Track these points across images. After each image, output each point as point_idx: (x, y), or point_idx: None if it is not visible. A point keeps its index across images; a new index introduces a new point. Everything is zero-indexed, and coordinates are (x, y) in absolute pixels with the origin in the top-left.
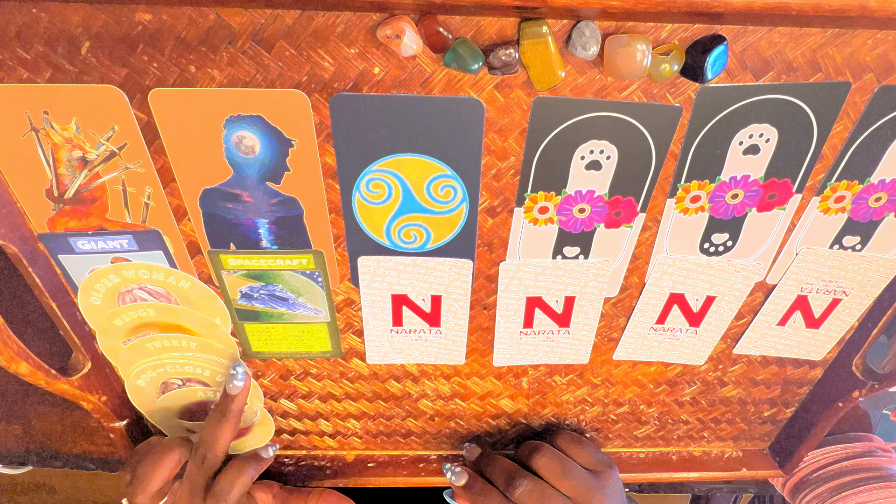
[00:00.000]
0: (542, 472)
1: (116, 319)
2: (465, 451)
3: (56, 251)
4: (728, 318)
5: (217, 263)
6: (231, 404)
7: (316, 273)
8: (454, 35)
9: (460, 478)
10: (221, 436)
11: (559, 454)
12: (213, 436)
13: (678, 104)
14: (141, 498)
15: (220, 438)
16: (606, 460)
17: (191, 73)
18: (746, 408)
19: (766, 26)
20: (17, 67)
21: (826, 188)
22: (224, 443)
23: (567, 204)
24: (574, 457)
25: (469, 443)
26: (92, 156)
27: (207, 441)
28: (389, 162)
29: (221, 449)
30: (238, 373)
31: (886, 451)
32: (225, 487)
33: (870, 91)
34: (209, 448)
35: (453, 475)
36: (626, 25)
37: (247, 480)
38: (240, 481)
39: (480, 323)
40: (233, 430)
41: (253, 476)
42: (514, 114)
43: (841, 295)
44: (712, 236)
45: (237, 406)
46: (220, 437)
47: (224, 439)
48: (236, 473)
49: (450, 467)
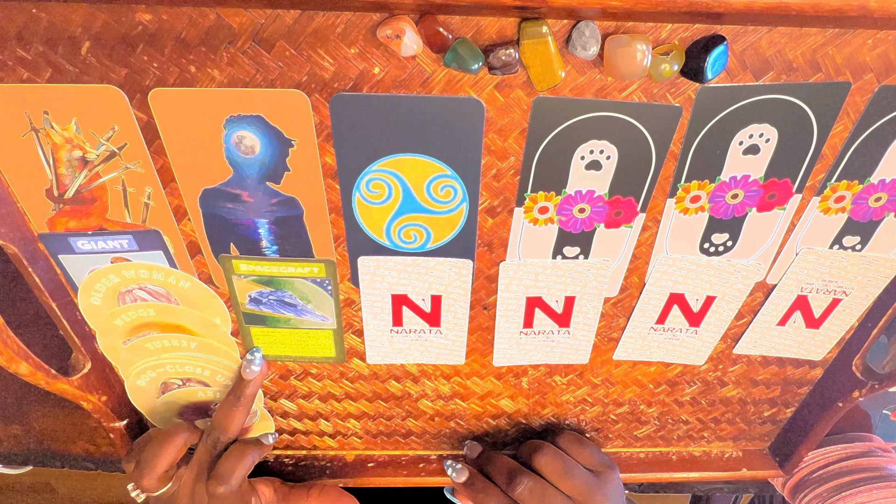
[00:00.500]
0: (543, 471)
1: (116, 319)
2: (466, 448)
3: (56, 251)
4: (728, 318)
5: (228, 268)
6: (246, 389)
7: (326, 281)
8: (454, 35)
9: (461, 474)
10: (234, 419)
11: (561, 453)
12: (227, 419)
13: (678, 104)
14: (147, 481)
15: (233, 422)
16: (607, 461)
17: (191, 73)
18: (746, 408)
19: (766, 26)
20: (17, 67)
21: (826, 188)
22: (236, 426)
23: (567, 204)
24: (575, 457)
25: (470, 440)
26: (92, 156)
27: (220, 425)
28: (389, 162)
29: (234, 433)
30: (255, 358)
31: (886, 451)
32: (228, 470)
33: (870, 91)
34: (222, 431)
35: (454, 472)
36: (626, 25)
37: (248, 464)
38: (242, 464)
39: (480, 323)
40: (245, 414)
41: (254, 461)
42: (514, 114)
43: (841, 295)
44: (712, 236)
45: (251, 391)
46: (232, 420)
47: (237, 423)
48: (238, 456)
49: (451, 464)
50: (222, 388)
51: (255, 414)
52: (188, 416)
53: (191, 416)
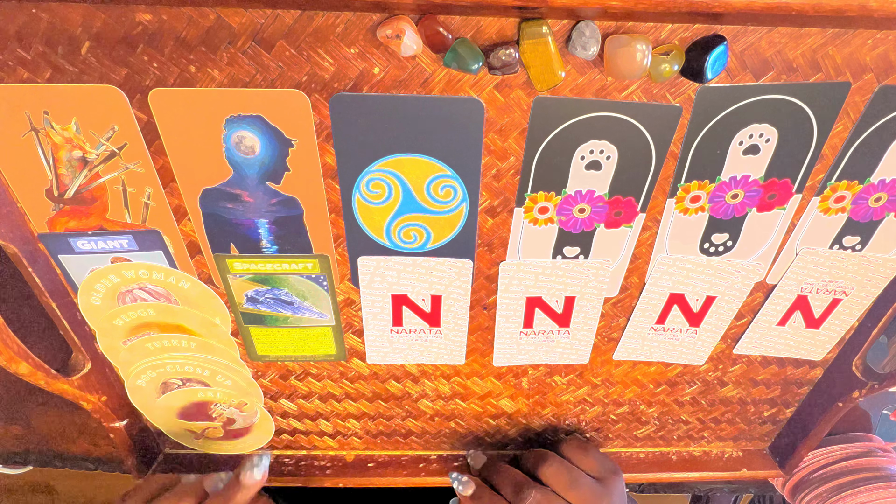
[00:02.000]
0: (549, 482)
1: (116, 319)
2: (469, 458)
3: (56, 251)
4: (728, 318)
5: (223, 267)
6: (238, 495)
7: (321, 277)
8: (454, 35)
9: (468, 487)
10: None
11: (566, 464)
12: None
13: (678, 104)
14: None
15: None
16: (612, 467)
17: (191, 73)
18: (746, 408)
19: (766, 26)
20: (17, 67)
21: (826, 188)
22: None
23: (567, 204)
24: (580, 465)
25: (473, 451)
26: (92, 156)
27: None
28: (389, 162)
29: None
30: (261, 464)
31: (886, 451)
32: None
33: (870, 91)
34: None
35: (460, 485)
36: (626, 25)
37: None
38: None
39: (480, 323)
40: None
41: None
42: (514, 114)
43: (841, 295)
44: (712, 236)
45: (244, 499)
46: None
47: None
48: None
49: (456, 476)
50: (222, 388)
51: (255, 415)
52: (188, 416)
53: (190, 416)
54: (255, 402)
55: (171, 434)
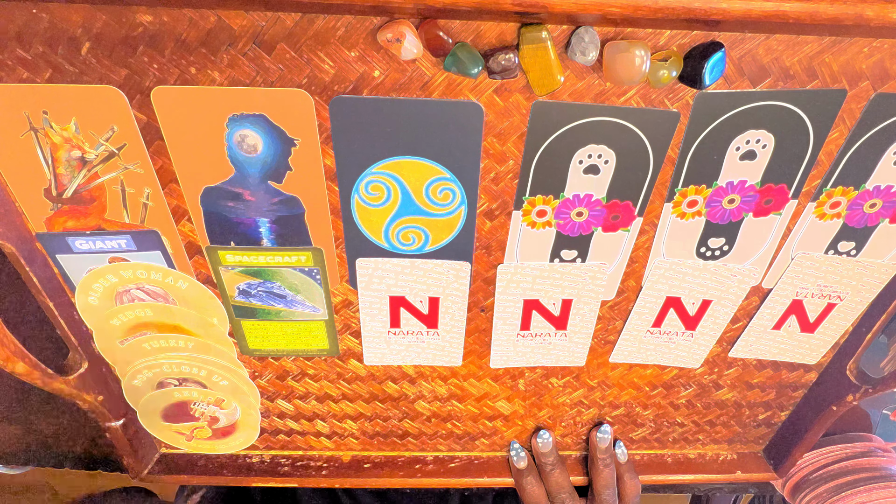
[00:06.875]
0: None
1: (114, 319)
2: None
3: (54, 251)
4: (724, 322)
5: (215, 260)
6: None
7: (315, 270)
8: (454, 39)
9: (521, 462)
10: None
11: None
12: None
13: (676, 110)
14: None
15: None
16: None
17: (191, 74)
18: (741, 411)
19: (764, 33)
20: (17, 67)
21: (822, 194)
22: None
23: (565, 207)
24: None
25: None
26: (91, 156)
27: None
28: (388, 164)
29: None
30: None
31: (886, 451)
32: None
33: (865, 98)
34: None
35: (517, 456)
36: (625, 31)
37: None
38: None
39: (478, 325)
40: None
41: None
42: (513, 118)
43: (836, 299)
44: (709, 240)
45: None
46: None
47: None
48: None
49: (518, 448)
50: (218, 389)
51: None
52: (172, 418)
53: (175, 418)
54: (252, 401)
55: (162, 438)
